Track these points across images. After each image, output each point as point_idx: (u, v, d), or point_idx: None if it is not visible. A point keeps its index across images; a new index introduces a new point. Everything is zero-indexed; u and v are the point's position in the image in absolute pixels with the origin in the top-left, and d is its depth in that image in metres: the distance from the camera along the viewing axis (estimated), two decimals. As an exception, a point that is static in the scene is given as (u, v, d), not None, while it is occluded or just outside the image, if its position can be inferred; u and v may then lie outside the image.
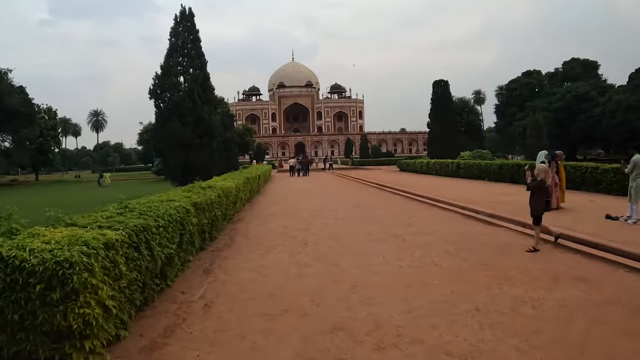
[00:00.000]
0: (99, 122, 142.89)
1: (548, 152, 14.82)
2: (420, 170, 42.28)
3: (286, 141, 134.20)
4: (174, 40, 33.12)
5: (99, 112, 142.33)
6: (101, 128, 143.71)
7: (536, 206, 9.70)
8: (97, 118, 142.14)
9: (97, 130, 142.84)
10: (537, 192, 9.78)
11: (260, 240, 11.53)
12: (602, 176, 19.58)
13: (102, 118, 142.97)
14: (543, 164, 10.56)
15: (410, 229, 12.02)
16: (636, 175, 12.20)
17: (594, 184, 19.97)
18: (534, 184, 9.85)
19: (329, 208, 17.25)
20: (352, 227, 12.72)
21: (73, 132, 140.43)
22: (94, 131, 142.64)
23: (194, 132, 30.40)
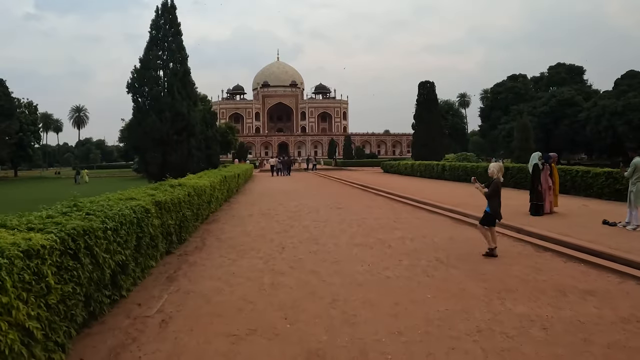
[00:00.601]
0: (81, 118, 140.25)
1: (542, 154, 14.01)
2: (405, 172, 41.64)
3: (269, 141, 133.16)
4: (154, 33, 31.98)
5: (80, 108, 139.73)
6: (83, 124, 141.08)
7: (494, 207, 9.02)
8: (79, 114, 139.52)
9: (78, 126, 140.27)
10: (495, 193, 9.06)
11: (234, 243, 10.57)
12: (593, 180, 19.04)
13: (84, 114, 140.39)
14: (497, 162, 9.66)
15: (396, 233, 11.12)
16: (636, 179, 11.49)
17: (585, 188, 19.43)
18: (491, 186, 9.08)
19: (310, 209, 16.31)
20: (334, 230, 11.81)
21: (54, 128, 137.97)
22: (75, 127, 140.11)
23: (172, 128, 29.29)
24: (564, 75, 78.77)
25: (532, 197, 13.48)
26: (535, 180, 13.41)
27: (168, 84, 30.12)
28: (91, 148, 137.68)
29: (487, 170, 9.38)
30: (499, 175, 9.14)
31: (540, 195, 13.31)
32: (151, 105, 30.39)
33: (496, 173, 9.13)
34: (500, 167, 9.28)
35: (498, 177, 9.10)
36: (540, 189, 13.29)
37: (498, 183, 9.04)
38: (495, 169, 9.20)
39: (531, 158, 13.85)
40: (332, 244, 9.98)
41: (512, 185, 24.29)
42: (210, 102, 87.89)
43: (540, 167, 13.56)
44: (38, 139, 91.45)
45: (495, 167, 9.24)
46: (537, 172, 13.52)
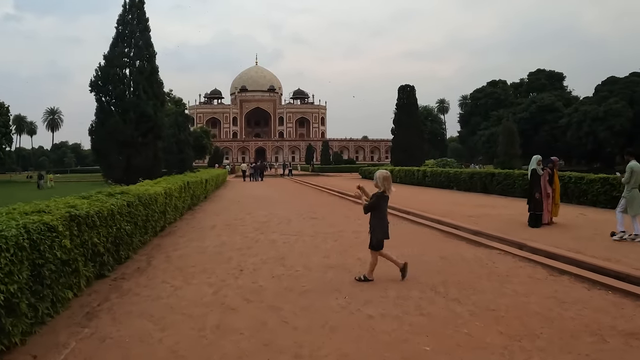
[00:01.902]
0: (55, 121, 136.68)
1: (541, 158, 12.41)
2: (384, 178, 40.03)
3: (246, 146, 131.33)
4: (120, 29, 30.04)
5: (55, 111, 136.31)
6: (57, 127, 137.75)
7: (378, 227, 7.18)
8: (53, 117, 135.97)
9: (52, 129, 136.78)
10: (378, 208, 7.18)
11: (185, 263, 8.76)
12: (588, 187, 17.82)
13: (58, 117, 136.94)
14: (383, 170, 7.48)
15: None
16: (632, 185, 10.24)
17: (578, 196, 18.18)
18: (373, 199, 7.18)
19: (280, 220, 14.54)
20: (305, 246, 10.04)
21: (28, 130, 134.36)
22: (49, 130, 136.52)
23: (137, 130, 27.31)
24: (544, 82, 78.40)
25: (530, 206, 11.88)
26: (534, 187, 11.83)
27: (134, 83, 28.16)
28: (66, 152, 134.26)
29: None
30: (386, 187, 7.12)
31: (538, 204, 11.72)
32: (116, 105, 28.43)
33: (380, 184, 7.09)
34: (386, 176, 7.19)
35: (384, 189, 7.10)
36: (538, 197, 11.68)
37: (381, 197, 7.10)
38: (380, 178, 7.12)
39: (531, 162, 12.21)
40: (302, 265, 8.21)
41: (498, 192, 22.91)
42: (186, 106, 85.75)
43: (540, 172, 11.96)
44: (9, 142, 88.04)
45: (380, 177, 7.14)
46: (535, 178, 11.92)
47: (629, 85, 62.71)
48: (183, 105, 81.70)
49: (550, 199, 12.15)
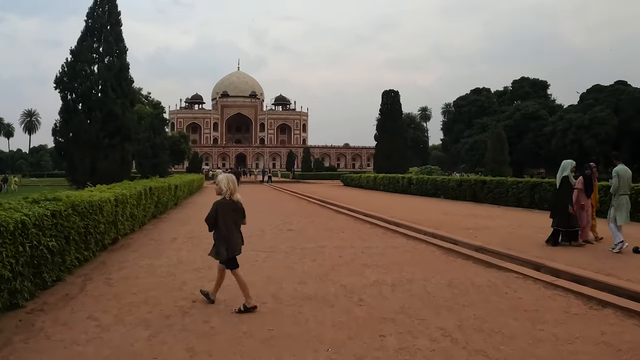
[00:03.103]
0: (32, 124, 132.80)
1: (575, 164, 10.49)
2: (367, 186, 38.55)
3: (227, 152, 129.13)
4: (90, 22, 27.96)
5: (32, 113, 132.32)
6: (34, 130, 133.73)
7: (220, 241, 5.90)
8: (30, 119, 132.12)
9: (29, 131, 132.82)
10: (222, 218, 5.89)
11: (126, 288, 6.95)
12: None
13: (36, 119, 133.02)
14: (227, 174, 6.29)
15: (367, 274, 7.57)
16: (621, 192, 9.25)
17: None
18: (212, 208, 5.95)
19: (252, 232, 12.67)
20: (277, 268, 8.20)
21: (5, 132, 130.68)
22: (26, 132, 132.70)
23: (104, 130, 25.23)
24: (528, 90, 77.63)
25: (555, 221, 9.92)
26: (564, 198, 9.84)
27: (100, 79, 26.11)
28: (44, 155, 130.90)
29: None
30: (232, 192, 5.95)
31: (570, 219, 9.71)
32: (81, 103, 26.39)
33: (225, 188, 5.92)
34: (231, 179, 6.06)
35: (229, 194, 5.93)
36: (573, 211, 9.69)
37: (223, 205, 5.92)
38: (223, 182, 5.97)
39: (561, 168, 10.15)
40: (271, 295, 6.41)
41: (490, 200, 21.44)
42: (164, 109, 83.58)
43: (572, 181, 10.03)
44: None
45: (223, 180, 5.99)
46: (568, 188, 9.92)
47: (614, 93, 62.03)
48: (161, 108, 79.60)
49: (588, 212, 10.23)
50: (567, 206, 9.58)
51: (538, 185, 18.99)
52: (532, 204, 19.04)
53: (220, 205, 5.90)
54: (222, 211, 5.88)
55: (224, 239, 5.85)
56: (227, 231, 5.87)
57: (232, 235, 5.89)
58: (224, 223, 5.86)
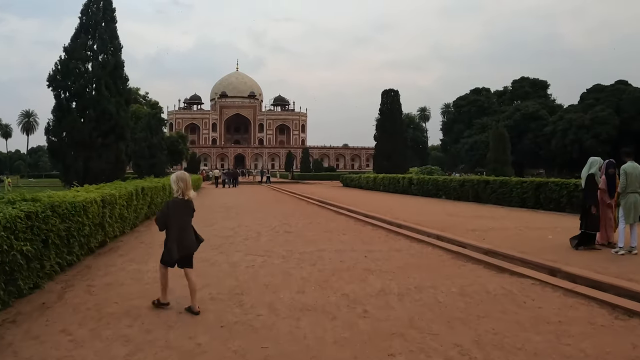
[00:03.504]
0: (30, 124, 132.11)
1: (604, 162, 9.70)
2: (366, 186, 37.98)
3: (226, 152, 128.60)
4: (84, 19, 27.37)
5: (30, 113, 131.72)
6: (32, 130, 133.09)
7: (171, 241, 5.82)
8: (28, 119, 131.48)
9: (27, 132, 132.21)
10: (174, 217, 5.79)
11: (108, 297, 6.39)
12: None
13: (34, 120, 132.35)
14: (179, 172, 6.09)
15: (371, 281, 6.98)
16: (629, 190, 8.68)
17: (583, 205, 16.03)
18: (163, 207, 5.97)
19: (249, 234, 12.14)
20: (274, 272, 7.59)
21: (3, 133, 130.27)
22: (24, 133, 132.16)
23: (97, 130, 24.60)
24: (528, 89, 77.12)
25: (583, 223, 9.14)
26: (590, 198, 9.07)
27: (94, 77, 25.49)
28: (42, 155, 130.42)
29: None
30: (182, 190, 5.78)
31: (594, 220, 8.97)
32: (75, 101, 25.79)
33: (175, 186, 5.83)
34: (182, 177, 5.87)
35: (180, 192, 5.80)
36: (595, 211, 8.92)
37: (175, 203, 5.82)
38: (174, 180, 5.85)
39: (589, 165, 9.33)
40: (266, 305, 5.81)
41: (493, 201, 20.89)
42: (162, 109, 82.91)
43: (598, 179, 9.19)
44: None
45: (174, 178, 5.87)
46: (593, 187, 9.12)
47: (614, 92, 61.51)
48: (159, 108, 78.94)
49: (613, 212, 9.42)
50: (591, 207, 8.92)
51: (543, 185, 18.42)
52: (537, 204, 18.49)
53: (173, 204, 5.79)
54: (174, 210, 5.74)
55: (176, 239, 5.69)
56: (180, 230, 5.73)
57: (185, 233, 5.77)
58: (177, 222, 5.71)
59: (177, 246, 5.66)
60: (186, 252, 5.76)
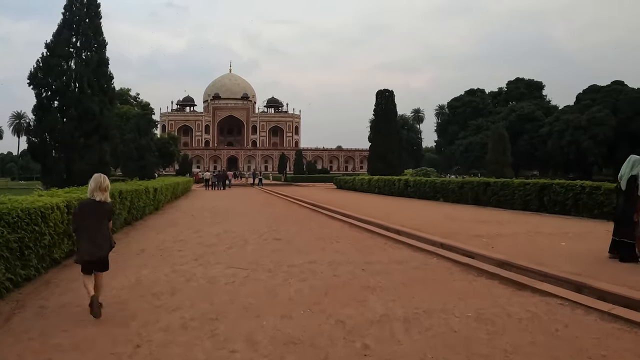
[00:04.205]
0: (21, 125, 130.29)
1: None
2: (361, 188, 36.96)
3: (218, 155, 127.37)
4: (68, 14, 26.21)
5: (21, 115, 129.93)
6: (23, 132, 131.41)
7: (80, 243, 5.79)
8: (19, 121, 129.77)
9: (18, 134, 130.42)
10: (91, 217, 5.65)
11: (56, 324, 5.37)
12: (605, 198, 14.84)
13: (25, 121, 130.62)
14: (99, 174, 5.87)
15: (372, 302, 5.89)
16: None
17: (591, 208, 15.37)
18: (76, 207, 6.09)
19: (234, 241, 11.08)
20: (258, 291, 6.48)
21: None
22: (15, 135, 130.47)
23: (79, 129, 23.46)
24: (523, 90, 76.51)
25: (622, 231, 7.99)
26: (631, 203, 7.94)
27: (76, 75, 24.35)
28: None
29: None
30: (92, 191, 5.64)
31: (631, 228, 7.86)
32: (56, 100, 24.67)
33: (88, 189, 5.76)
34: (94, 177, 5.76)
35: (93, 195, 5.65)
36: (637, 219, 7.75)
37: (84, 205, 5.78)
38: (89, 183, 5.78)
39: (628, 164, 8.12)
40: (244, 336, 4.72)
41: (494, 204, 19.95)
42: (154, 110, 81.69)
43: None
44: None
45: (90, 181, 5.78)
46: (633, 190, 7.96)
47: (611, 93, 60.89)
48: (150, 109, 77.74)
49: None
50: (633, 213, 7.81)
51: (547, 187, 17.51)
52: (541, 207, 17.57)
53: (82, 205, 5.78)
54: (83, 211, 5.66)
55: (86, 240, 5.59)
56: (90, 232, 5.58)
57: (95, 236, 5.60)
58: (86, 224, 5.59)
59: (86, 248, 5.55)
60: (97, 255, 5.60)
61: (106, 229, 5.76)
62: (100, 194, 5.61)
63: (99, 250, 5.61)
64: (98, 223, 5.63)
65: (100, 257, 5.65)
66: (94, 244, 5.57)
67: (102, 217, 5.68)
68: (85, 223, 5.59)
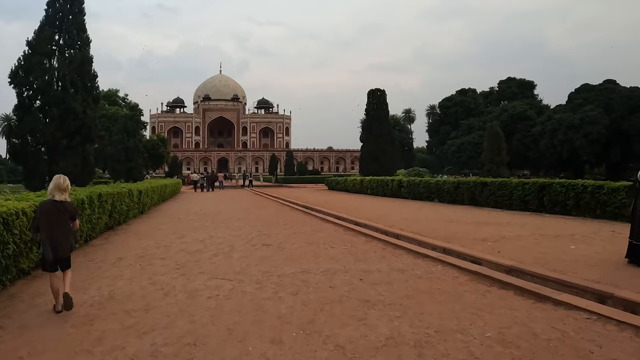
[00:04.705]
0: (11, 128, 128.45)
1: None
2: (353, 189, 36.25)
3: (209, 156, 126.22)
4: (51, 11, 25.32)
5: (9, 117, 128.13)
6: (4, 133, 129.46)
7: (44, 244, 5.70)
8: (9, 123, 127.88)
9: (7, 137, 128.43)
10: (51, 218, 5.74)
11: (12, 348, 4.60)
12: (608, 197, 14.44)
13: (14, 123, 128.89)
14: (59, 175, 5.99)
15: (373, 321, 5.12)
16: None
17: (593, 208, 14.91)
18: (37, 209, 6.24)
19: (220, 248, 10.28)
20: (243, 309, 5.68)
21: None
22: (3, 137, 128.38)
23: (61, 129, 22.56)
24: (515, 90, 76.08)
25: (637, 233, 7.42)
26: None
27: (58, 73, 23.46)
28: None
29: None
30: (52, 192, 5.81)
31: None
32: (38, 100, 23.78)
33: (50, 191, 5.88)
34: (54, 179, 5.90)
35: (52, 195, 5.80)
36: None
37: (43, 205, 5.86)
38: (51, 185, 5.95)
39: None
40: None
41: (491, 204, 19.36)
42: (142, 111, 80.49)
43: None
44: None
45: (51, 183, 5.95)
46: None
47: (603, 92, 60.51)
48: (139, 110, 76.59)
49: None
50: None
51: (547, 187, 16.94)
52: (540, 207, 17.03)
53: (41, 206, 5.86)
54: (43, 212, 5.73)
55: (48, 241, 5.63)
56: (50, 232, 5.67)
57: (56, 236, 5.70)
58: (47, 224, 5.67)
59: (51, 250, 5.59)
60: (59, 255, 5.69)
61: (67, 229, 5.86)
62: (59, 194, 5.75)
63: (59, 249, 5.68)
64: (58, 223, 5.74)
65: (61, 257, 5.72)
66: (53, 243, 5.63)
67: (62, 216, 5.77)
68: (45, 223, 5.64)
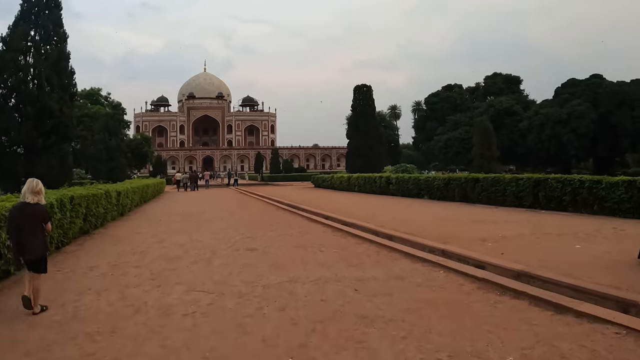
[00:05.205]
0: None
1: None
2: (340, 187, 35.55)
3: (194, 155, 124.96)
4: (26, 5, 24.30)
5: None
6: None
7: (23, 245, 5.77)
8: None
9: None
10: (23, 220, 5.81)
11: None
12: (607, 193, 14.00)
13: None
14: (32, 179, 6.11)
15: (374, 344, 4.42)
16: None
17: (591, 204, 14.45)
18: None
19: (200, 254, 9.49)
20: (223, 330, 4.93)
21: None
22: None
23: (36, 129, 21.60)
24: (501, 85, 76.01)
25: None
26: None
27: (33, 70, 22.50)
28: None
29: None
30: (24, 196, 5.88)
31: None
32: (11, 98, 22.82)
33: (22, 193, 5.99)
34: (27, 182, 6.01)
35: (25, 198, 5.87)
36: None
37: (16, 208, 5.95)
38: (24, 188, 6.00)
39: None
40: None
41: (484, 201, 18.78)
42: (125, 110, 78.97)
43: None
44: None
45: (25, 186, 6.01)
46: None
47: (590, 87, 60.53)
48: (122, 109, 75.20)
49: None
50: None
51: (543, 183, 16.44)
52: (535, 203, 16.52)
53: (13, 208, 6.03)
54: (15, 214, 5.85)
55: (19, 243, 5.76)
56: (21, 233, 5.74)
57: (29, 238, 5.75)
58: (19, 226, 5.76)
59: (18, 248, 5.77)
60: (30, 256, 5.74)
61: (40, 231, 5.86)
62: (32, 196, 5.83)
63: (31, 251, 5.72)
64: (30, 225, 5.77)
65: (32, 259, 5.75)
66: (25, 245, 5.71)
67: (34, 219, 5.80)
68: (16, 225, 5.76)
